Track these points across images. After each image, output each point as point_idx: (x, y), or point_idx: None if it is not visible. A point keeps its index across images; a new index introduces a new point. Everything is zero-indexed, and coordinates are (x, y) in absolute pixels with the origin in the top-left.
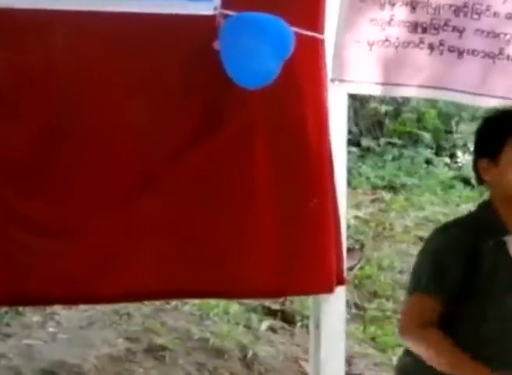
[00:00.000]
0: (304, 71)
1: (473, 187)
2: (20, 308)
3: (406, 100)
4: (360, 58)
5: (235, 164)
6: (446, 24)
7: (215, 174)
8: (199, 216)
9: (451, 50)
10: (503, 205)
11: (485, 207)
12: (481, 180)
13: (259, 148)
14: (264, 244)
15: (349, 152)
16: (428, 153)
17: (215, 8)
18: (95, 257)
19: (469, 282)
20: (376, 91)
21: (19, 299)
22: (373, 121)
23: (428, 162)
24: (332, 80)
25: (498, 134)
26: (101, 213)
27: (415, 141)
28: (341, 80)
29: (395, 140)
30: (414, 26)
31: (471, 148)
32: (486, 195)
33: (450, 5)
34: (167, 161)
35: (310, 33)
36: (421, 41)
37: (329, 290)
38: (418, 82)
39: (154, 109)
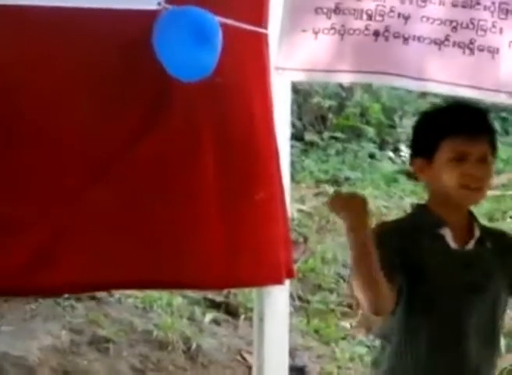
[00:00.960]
0: (248, 65)
1: (416, 180)
2: None
3: (349, 95)
4: (306, 46)
5: (180, 157)
6: (391, 11)
7: (161, 167)
8: (143, 207)
9: (396, 36)
10: (439, 202)
11: (420, 207)
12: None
13: (204, 142)
14: (211, 235)
15: (292, 147)
16: (372, 147)
17: (159, 3)
18: (34, 248)
19: (414, 279)
20: (322, 78)
21: None
22: (316, 116)
23: (372, 156)
24: (277, 69)
25: (434, 133)
26: (43, 204)
27: (359, 135)
28: (286, 69)
29: (338, 134)
30: (360, 14)
31: None
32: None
33: None
34: (112, 154)
35: (253, 28)
36: (367, 28)
37: (279, 282)
38: (364, 68)
39: (98, 104)
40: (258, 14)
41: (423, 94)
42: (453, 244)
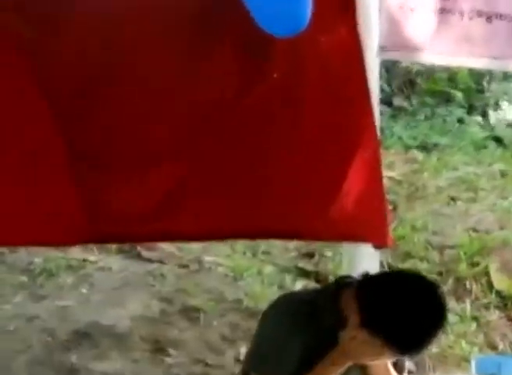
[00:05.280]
0: (340, 28)
1: (505, 146)
2: (54, 270)
3: None
4: (404, 24)
5: (282, 110)
6: None
7: (264, 119)
8: (254, 160)
9: (480, 15)
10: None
11: (330, 303)
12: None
13: (304, 96)
14: (329, 190)
15: (381, 112)
16: (460, 112)
17: None
18: (163, 194)
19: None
20: (416, 58)
21: (96, 237)
22: (405, 80)
23: (460, 121)
24: (380, 48)
25: None
26: (165, 152)
27: (447, 100)
28: (386, 48)
29: (427, 99)
30: None
31: (503, 106)
32: None
33: None
34: (218, 106)
35: None
36: (458, 9)
37: (387, 242)
38: (456, 51)
39: (195, 59)
40: None
41: None
42: None
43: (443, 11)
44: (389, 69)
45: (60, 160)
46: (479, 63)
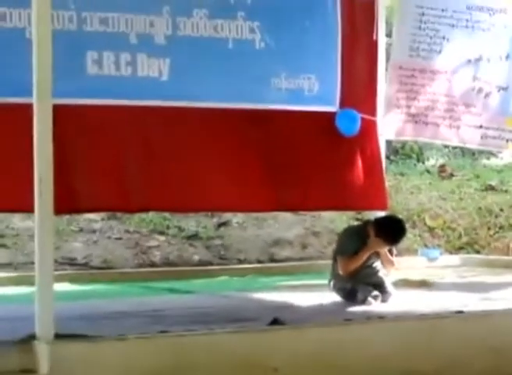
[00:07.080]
0: (370, 136)
1: (432, 174)
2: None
3: (405, 142)
4: (397, 123)
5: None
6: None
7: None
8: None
9: (424, 122)
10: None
11: (364, 229)
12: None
13: (356, 159)
14: (360, 178)
15: (385, 162)
16: (414, 161)
17: (336, 108)
18: (302, 185)
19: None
20: (397, 138)
21: (277, 207)
22: (393, 148)
23: (414, 164)
24: (383, 135)
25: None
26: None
27: (409, 156)
28: (383, 134)
29: (401, 156)
30: (421, 110)
31: (430, 159)
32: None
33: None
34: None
35: (370, 117)
36: (425, 116)
37: (385, 207)
38: (414, 135)
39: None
40: (373, 107)
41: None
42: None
43: (407, 121)
44: (387, 143)
45: (259, 171)
46: (423, 139)
